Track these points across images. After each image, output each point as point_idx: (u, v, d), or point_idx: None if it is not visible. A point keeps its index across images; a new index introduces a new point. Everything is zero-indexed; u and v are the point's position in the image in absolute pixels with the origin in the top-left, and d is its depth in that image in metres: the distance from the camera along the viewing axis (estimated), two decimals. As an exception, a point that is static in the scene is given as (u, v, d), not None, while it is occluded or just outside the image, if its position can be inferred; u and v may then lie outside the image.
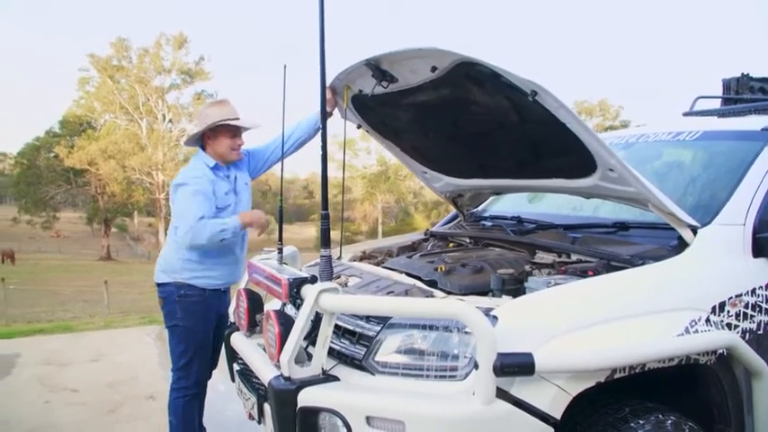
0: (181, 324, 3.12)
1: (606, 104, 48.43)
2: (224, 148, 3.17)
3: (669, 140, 2.99)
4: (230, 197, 3.19)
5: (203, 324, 3.15)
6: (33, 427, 3.81)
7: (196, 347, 3.12)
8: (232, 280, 3.27)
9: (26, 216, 44.28)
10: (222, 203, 3.14)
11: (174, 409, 3.13)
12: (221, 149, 3.17)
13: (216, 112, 3.14)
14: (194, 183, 3.06)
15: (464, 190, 3.48)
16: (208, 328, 3.17)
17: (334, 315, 2.02)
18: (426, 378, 1.91)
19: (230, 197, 3.19)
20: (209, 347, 3.21)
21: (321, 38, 2.17)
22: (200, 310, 3.13)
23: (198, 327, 3.13)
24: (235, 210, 3.18)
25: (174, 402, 3.13)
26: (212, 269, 3.15)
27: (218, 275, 3.18)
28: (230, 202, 3.18)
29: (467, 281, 2.36)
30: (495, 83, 2.17)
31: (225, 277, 3.23)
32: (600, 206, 2.84)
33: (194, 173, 3.13)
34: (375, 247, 3.41)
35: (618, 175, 2.25)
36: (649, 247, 2.33)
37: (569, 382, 1.82)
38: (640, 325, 1.96)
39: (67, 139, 40.96)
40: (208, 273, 3.14)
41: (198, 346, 3.13)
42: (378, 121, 3.17)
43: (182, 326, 3.12)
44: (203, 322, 3.15)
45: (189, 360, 3.12)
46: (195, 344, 3.12)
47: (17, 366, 5.24)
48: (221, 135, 3.14)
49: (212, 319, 3.20)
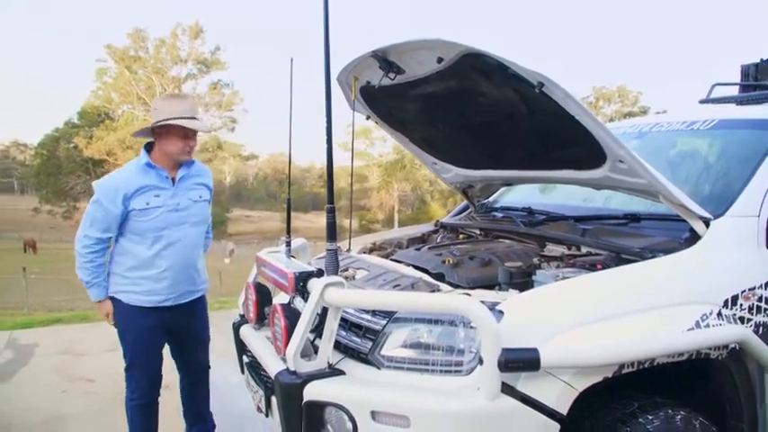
0: (118, 326, 2.93)
1: (625, 90, 47.79)
2: (174, 148, 2.83)
3: (683, 130, 2.93)
4: (160, 200, 2.83)
5: (139, 338, 2.90)
6: (50, 417, 3.87)
7: (133, 356, 2.92)
8: (170, 296, 2.91)
9: (47, 206, 44.86)
10: (139, 204, 2.78)
11: (127, 413, 2.99)
12: (170, 149, 2.84)
13: (170, 109, 2.79)
14: (99, 190, 2.79)
15: (474, 181, 3.45)
16: (147, 344, 2.92)
17: (339, 309, 2.02)
18: (432, 373, 1.90)
19: (160, 200, 2.83)
20: (154, 363, 2.98)
21: (325, 29, 2.15)
22: (136, 325, 2.88)
23: (135, 339, 2.90)
24: (165, 222, 2.83)
25: (126, 405, 2.98)
26: (137, 283, 2.86)
27: (144, 291, 2.86)
28: (159, 204, 2.82)
29: (474, 274, 2.35)
30: (502, 74, 2.14)
31: (156, 293, 2.87)
32: (611, 197, 2.80)
33: (112, 176, 2.92)
34: (385, 238, 3.40)
35: (627, 166, 2.21)
36: (660, 239, 2.29)
37: (576, 377, 1.80)
38: (649, 319, 1.93)
39: (86, 130, 41.30)
40: (132, 287, 2.86)
41: (135, 356, 2.92)
42: (386, 112, 3.14)
43: (118, 328, 2.93)
44: (139, 337, 2.90)
45: (129, 365, 2.94)
46: (132, 352, 2.92)
47: (35, 356, 5.31)
48: (173, 134, 2.81)
49: (156, 336, 2.94)
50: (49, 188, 42.95)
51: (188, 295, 3.00)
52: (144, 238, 2.83)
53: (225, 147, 44.91)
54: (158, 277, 2.86)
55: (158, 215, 2.82)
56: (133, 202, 2.77)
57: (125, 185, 2.78)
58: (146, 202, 2.80)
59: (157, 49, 42.03)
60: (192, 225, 2.94)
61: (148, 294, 2.86)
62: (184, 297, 2.98)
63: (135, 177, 2.82)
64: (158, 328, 2.93)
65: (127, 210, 2.77)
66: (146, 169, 2.85)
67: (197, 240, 3.01)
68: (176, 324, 2.98)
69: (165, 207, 2.84)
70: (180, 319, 2.98)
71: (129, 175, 2.84)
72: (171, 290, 2.90)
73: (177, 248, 2.88)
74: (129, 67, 41.11)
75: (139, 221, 2.80)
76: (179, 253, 2.89)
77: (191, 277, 2.99)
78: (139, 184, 2.80)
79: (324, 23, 2.11)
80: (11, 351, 5.47)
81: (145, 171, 2.84)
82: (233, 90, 43.88)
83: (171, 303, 2.92)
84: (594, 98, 48.05)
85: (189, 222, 2.92)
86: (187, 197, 2.92)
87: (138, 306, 2.86)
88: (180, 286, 2.93)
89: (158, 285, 2.86)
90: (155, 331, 2.93)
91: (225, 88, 43.96)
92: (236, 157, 49.09)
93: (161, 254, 2.85)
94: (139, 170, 2.84)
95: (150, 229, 2.82)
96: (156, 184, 2.84)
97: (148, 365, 2.97)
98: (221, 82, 43.95)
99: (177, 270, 2.89)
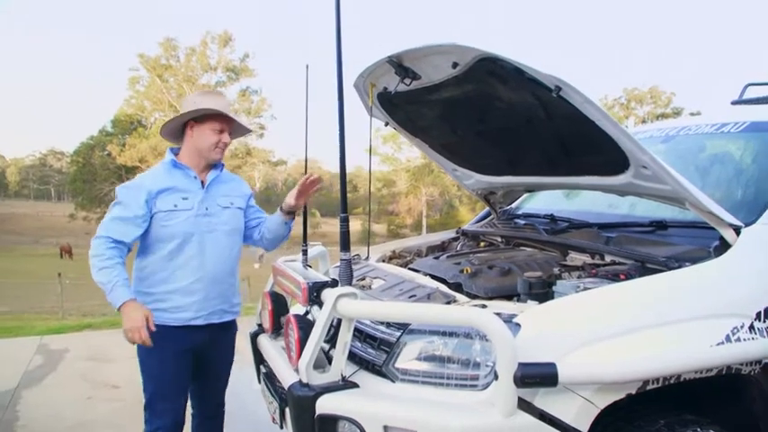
0: (138, 352, 2.55)
1: (657, 91, 46.88)
2: (207, 143, 2.58)
3: (712, 133, 2.82)
4: (188, 203, 2.55)
5: (166, 366, 2.52)
6: (76, 423, 3.91)
7: (156, 389, 2.53)
8: (201, 313, 2.57)
9: (82, 212, 45.87)
10: (166, 206, 2.52)
11: None
12: (203, 144, 2.58)
13: (207, 102, 2.58)
14: (122, 190, 2.54)
15: (495, 187, 3.38)
16: (175, 372, 2.54)
17: (352, 320, 1.98)
18: (447, 387, 1.85)
19: (188, 203, 2.55)
20: (182, 397, 2.61)
21: (337, 35, 2.12)
22: (163, 350, 2.46)
23: (161, 366, 2.52)
24: (194, 228, 2.53)
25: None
26: (163, 299, 2.53)
27: (171, 308, 2.53)
28: (188, 207, 2.54)
29: (492, 284, 2.29)
30: (518, 78, 2.08)
31: (185, 309, 2.54)
32: (637, 203, 2.71)
33: (136, 178, 2.64)
34: (405, 246, 3.35)
35: (651, 172, 2.13)
36: (688, 247, 2.19)
37: (597, 393, 1.73)
38: (675, 333, 1.84)
39: (119, 138, 42.16)
40: (157, 305, 2.50)
41: (159, 389, 2.53)
42: (405, 118, 3.10)
43: (138, 354, 2.56)
44: (167, 365, 2.52)
45: (150, 400, 2.54)
46: (155, 385, 2.53)
47: (64, 361, 5.40)
48: (208, 127, 2.57)
49: (184, 362, 2.58)
50: (84, 195, 43.92)
51: (220, 315, 2.66)
52: (170, 246, 2.52)
53: (254, 153, 45.30)
54: (187, 290, 2.53)
55: (186, 219, 2.52)
56: (159, 203, 2.50)
57: (150, 184, 2.52)
58: (173, 203, 2.53)
59: (188, 58, 42.68)
60: (224, 234, 2.62)
61: (176, 311, 2.53)
62: (217, 316, 2.64)
63: (161, 177, 2.57)
64: (187, 352, 2.57)
65: (151, 213, 2.49)
66: (171, 169, 2.60)
67: (231, 252, 2.67)
68: (203, 349, 2.63)
69: (193, 210, 2.55)
70: (208, 344, 2.64)
71: (155, 174, 2.60)
72: (202, 305, 2.56)
73: (208, 258, 2.57)
74: (160, 76, 41.81)
75: (166, 226, 2.50)
76: (210, 263, 2.57)
77: (224, 294, 2.65)
78: (166, 185, 2.53)
79: (336, 29, 2.08)
80: (41, 356, 5.56)
81: (171, 171, 2.60)
82: (261, 97, 44.29)
83: (202, 322, 2.58)
84: (626, 99, 47.28)
85: (220, 230, 2.60)
86: (216, 203, 2.63)
87: (165, 326, 2.47)
88: (212, 302, 2.60)
89: (188, 300, 2.54)
90: (184, 357, 2.56)
91: (254, 95, 44.40)
92: (266, 163, 49.46)
93: (189, 263, 2.54)
94: (165, 170, 2.60)
95: (177, 235, 2.51)
96: (183, 186, 2.57)
97: (175, 400, 2.57)
98: (250, 89, 44.43)
99: (208, 282, 2.57)
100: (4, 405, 4.23)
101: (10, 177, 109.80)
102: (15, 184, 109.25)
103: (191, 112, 2.56)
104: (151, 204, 2.50)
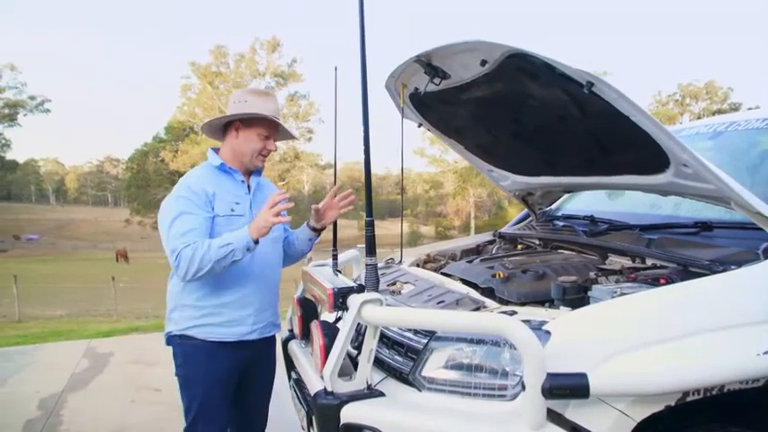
0: (181, 373, 2.41)
1: (713, 87, 45.30)
2: (250, 148, 2.43)
3: (764, 128, 2.66)
4: (241, 208, 2.42)
5: (214, 385, 2.37)
6: (119, 427, 3.98)
7: (201, 410, 2.36)
8: (256, 327, 2.45)
9: (137, 217, 47.43)
10: (223, 210, 2.36)
11: None
12: (246, 149, 2.43)
13: (260, 104, 2.40)
14: (178, 191, 2.33)
15: (533, 188, 3.28)
16: (221, 392, 2.40)
17: (378, 327, 1.93)
18: (474, 396, 1.78)
19: (241, 208, 2.42)
20: (225, 411, 2.43)
21: (361, 36, 2.07)
22: (212, 368, 2.35)
23: (208, 385, 2.36)
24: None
25: None
26: (216, 313, 2.37)
27: (226, 322, 2.37)
28: (242, 213, 2.41)
29: (526, 288, 2.20)
30: (549, 75, 1.99)
31: (241, 323, 2.40)
32: (681, 203, 2.57)
33: (184, 179, 2.40)
34: (439, 249, 3.29)
35: (693, 170, 2.00)
36: (734, 250, 2.06)
37: (632, 406, 1.63)
38: (718, 341, 1.72)
39: (172, 144, 43.39)
40: (209, 319, 2.36)
41: (204, 410, 2.36)
42: (438, 119, 3.03)
43: (181, 375, 2.41)
44: (214, 384, 2.37)
45: (192, 423, 2.37)
46: (200, 405, 2.36)
47: (110, 365, 5.54)
48: (254, 132, 2.43)
49: (231, 382, 2.45)
50: (138, 200, 45.43)
51: (271, 328, 2.55)
52: None
53: (302, 156, 45.86)
54: (242, 303, 2.40)
55: (242, 225, 2.30)
56: (216, 206, 2.34)
57: (208, 185, 2.34)
58: (230, 208, 2.38)
59: (237, 64, 43.59)
60: (271, 241, 2.48)
61: (231, 325, 2.38)
62: (269, 330, 2.53)
63: (208, 180, 2.39)
64: (235, 372, 2.44)
65: (212, 216, 2.32)
66: (218, 173, 2.44)
67: (277, 260, 2.60)
68: (250, 366, 2.51)
69: (246, 217, 2.41)
70: (257, 361, 2.52)
71: (200, 177, 2.40)
72: (257, 319, 2.44)
73: (260, 267, 2.45)
74: (211, 83, 42.82)
75: (222, 233, 2.29)
76: (262, 273, 2.46)
77: (274, 305, 2.56)
78: (217, 189, 2.37)
79: (360, 30, 2.04)
80: (87, 359, 5.72)
81: (217, 175, 2.43)
82: (309, 101, 44.83)
83: (256, 336, 2.45)
84: (681, 96, 45.83)
85: (268, 238, 2.35)
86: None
87: (219, 342, 2.36)
88: (265, 314, 2.49)
89: (243, 313, 2.40)
90: (231, 376, 2.43)
91: (301, 99, 44.99)
92: (314, 167, 50.04)
93: (245, 273, 2.40)
94: (212, 173, 2.43)
95: None
96: (233, 191, 2.43)
97: (220, 422, 2.41)
98: (298, 93, 45.03)
99: (263, 294, 2.47)
100: (50, 409, 4.34)
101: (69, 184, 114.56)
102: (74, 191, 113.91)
103: (239, 114, 2.41)
104: (211, 207, 2.34)
